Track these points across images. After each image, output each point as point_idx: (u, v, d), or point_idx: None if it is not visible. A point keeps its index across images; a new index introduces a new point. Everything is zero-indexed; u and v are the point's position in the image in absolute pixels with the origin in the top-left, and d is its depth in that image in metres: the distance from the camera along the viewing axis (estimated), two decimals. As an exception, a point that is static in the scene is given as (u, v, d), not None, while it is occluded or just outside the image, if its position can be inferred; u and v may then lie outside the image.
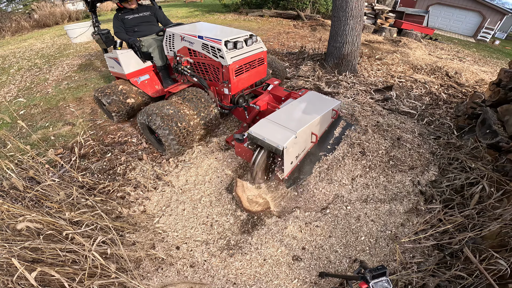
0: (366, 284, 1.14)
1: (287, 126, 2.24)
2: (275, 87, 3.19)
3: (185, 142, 2.66)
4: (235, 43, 2.62)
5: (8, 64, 6.52)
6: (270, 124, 2.31)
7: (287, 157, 2.17)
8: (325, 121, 2.68)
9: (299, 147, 2.34)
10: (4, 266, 1.48)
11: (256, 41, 2.92)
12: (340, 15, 4.38)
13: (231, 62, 2.57)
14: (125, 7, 3.37)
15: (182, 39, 2.85)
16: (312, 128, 2.41)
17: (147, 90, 3.43)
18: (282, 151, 2.06)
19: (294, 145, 2.20)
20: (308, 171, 2.51)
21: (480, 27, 13.31)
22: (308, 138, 2.45)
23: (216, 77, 2.82)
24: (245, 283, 1.83)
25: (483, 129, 2.64)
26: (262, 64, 3.06)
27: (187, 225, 2.23)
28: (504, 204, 1.86)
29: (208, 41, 2.62)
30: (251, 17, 10.85)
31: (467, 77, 5.15)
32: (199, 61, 2.87)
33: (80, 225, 1.78)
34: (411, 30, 8.64)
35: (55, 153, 2.99)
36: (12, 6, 14.63)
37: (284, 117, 2.41)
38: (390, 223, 2.18)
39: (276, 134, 2.17)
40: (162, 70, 3.43)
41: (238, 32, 2.83)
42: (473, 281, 1.54)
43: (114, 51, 3.24)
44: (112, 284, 1.62)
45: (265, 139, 2.14)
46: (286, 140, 2.08)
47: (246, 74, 2.85)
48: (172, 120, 2.53)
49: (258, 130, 2.23)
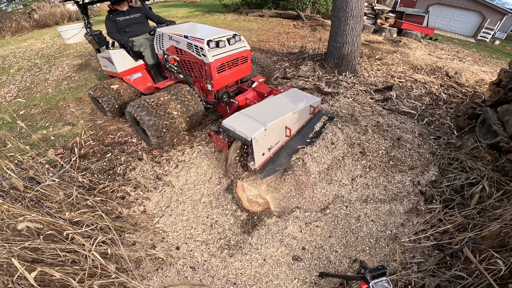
0: (366, 284, 1.14)
1: (258, 119, 2.34)
2: (260, 84, 3.32)
3: (168, 132, 2.79)
4: (217, 42, 2.77)
5: (8, 64, 6.52)
6: (243, 117, 2.41)
7: (257, 148, 2.25)
8: (302, 117, 2.77)
9: (270, 139, 2.41)
10: (4, 266, 1.48)
11: (240, 40, 3.05)
12: (340, 15, 4.38)
13: (213, 60, 2.73)
14: (117, 9, 3.51)
15: (170, 39, 3.02)
16: (285, 122, 2.49)
17: (140, 87, 3.56)
18: (250, 142, 2.16)
19: (264, 137, 2.28)
20: (284, 163, 2.58)
21: (480, 27, 13.31)
22: (282, 131, 2.53)
23: (200, 74, 2.99)
24: (245, 283, 1.83)
25: (483, 129, 2.64)
26: (246, 62, 3.20)
27: (187, 225, 2.23)
28: (504, 204, 1.86)
29: (192, 41, 2.79)
30: (251, 17, 10.85)
31: (467, 77, 5.15)
32: (185, 59, 3.03)
33: (80, 225, 1.78)
34: (411, 30, 8.64)
35: (55, 153, 2.99)
36: (12, 6, 14.63)
37: (258, 111, 2.51)
38: (390, 223, 2.18)
39: (247, 126, 2.27)
40: (153, 68, 3.58)
41: (222, 31, 2.97)
42: (473, 281, 1.54)
43: (107, 51, 3.37)
44: (112, 284, 1.62)
45: (236, 130, 2.25)
46: (255, 131, 2.17)
47: (228, 71, 2.99)
48: (156, 111, 2.67)
49: (230, 122, 2.34)
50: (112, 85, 3.41)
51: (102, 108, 3.59)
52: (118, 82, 3.48)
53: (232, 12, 12.24)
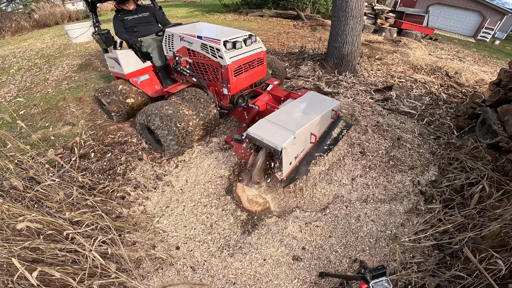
0: (366, 284, 1.14)
1: (286, 127, 2.23)
2: (275, 87, 3.19)
3: (184, 142, 2.65)
4: (234, 43, 2.61)
5: (8, 64, 6.52)
6: (269, 124, 2.31)
7: (285, 157, 2.15)
8: (324, 122, 2.67)
9: (298, 147, 2.33)
10: (4, 266, 1.48)
11: (256, 41, 2.92)
12: (340, 15, 4.38)
13: (230, 62, 2.57)
14: (123, 9, 3.39)
15: (181, 39, 2.85)
16: (311, 128, 2.40)
17: (147, 90, 3.42)
18: (280, 152, 2.05)
19: (293, 145, 2.19)
20: (304, 171, 2.51)
21: (480, 27, 13.31)
22: (307, 138, 2.44)
23: (215, 77, 2.82)
24: (245, 283, 1.83)
25: (483, 129, 2.64)
26: (262, 64, 3.06)
27: (187, 225, 2.23)
28: (504, 204, 1.86)
29: (207, 41, 2.62)
30: (251, 17, 10.85)
31: (467, 77, 5.15)
32: (198, 61, 2.87)
33: (80, 225, 1.78)
34: (411, 30, 8.64)
35: (55, 153, 2.99)
36: (12, 6, 14.64)
37: (283, 117, 2.41)
38: (390, 223, 2.18)
39: (275, 134, 2.16)
40: (161, 70, 3.43)
41: (237, 32, 2.83)
42: (473, 281, 1.54)
43: (114, 51, 3.24)
44: (112, 284, 1.62)
45: (264, 139, 2.14)
46: (284, 140, 2.07)
47: (245, 74, 2.84)
48: (171, 120, 2.51)
49: (256, 131, 2.22)
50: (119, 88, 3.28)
51: (108, 112, 3.48)
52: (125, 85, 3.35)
53: (232, 12, 12.24)
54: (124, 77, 3.34)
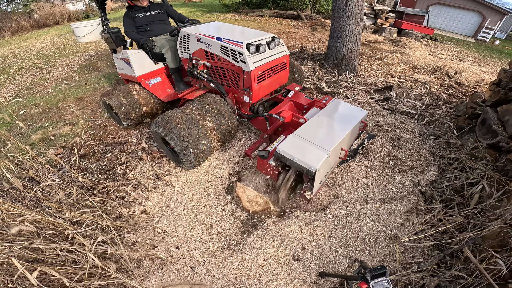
0: (366, 284, 1.14)
1: (319, 144, 2.05)
2: (296, 93, 2.96)
3: (204, 157, 2.49)
4: (257, 47, 2.39)
5: (8, 64, 6.52)
6: (300, 141, 2.11)
7: (318, 178, 1.98)
8: (353, 134, 2.50)
9: (329, 165, 2.18)
10: (4, 266, 1.48)
11: (279, 44, 2.71)
12: (340, 15, 4.38)
13: (254, 68, 2.34)
14: (136, 5, 3.15)
15: (199, 41, 2.61)
16: (342, 143, 2.21)
17: (159, 94, 3.21)
18: (314, 173, 1.88)
19: (325, 164, 2.02)
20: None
21: (480, 27, 13.31)
22: (337, 154, 2.25)
23: (236, 83, 2.60)
24: (245, 283, 1.83)
25: (483, 129, 2.64)
26: (285, 69, 2.85)
27: (187, 225, 2.23)
28: (504, 204, 1.86)
29: (228, 44, 2.40)
30: (251, 17, 10.85)
31: (467, 77, 5.15)
32: (217, 65, 2.63)
33: (80, 225, 1.78)
34: (411, 30, 8.64)
35: (55, 153, 2.99)
36: (12, 6, 14.64)
37: (313, 132, 2.22)
38: (390, 223, 2.18)
39: (308, 153, 1.98)
40: (174, 73, 3.21)
41: (260, 34, 2.63)
42: (473, 281, 1.54)
43: (124, 51, 3.02)
44: (112, 284, 1.62)
45: (295, 159, 1.95)
46: (319, 161, 1.90)
47: (268, 80, 2.62)
48: (191, 136, 2.31)
49: (287, 149, 2.02)
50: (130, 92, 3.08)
51: (117, 118, 3.27)
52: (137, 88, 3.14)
53: (232, 12, 12.23)
54: (135, 79, 3.11)
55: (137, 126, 3.41)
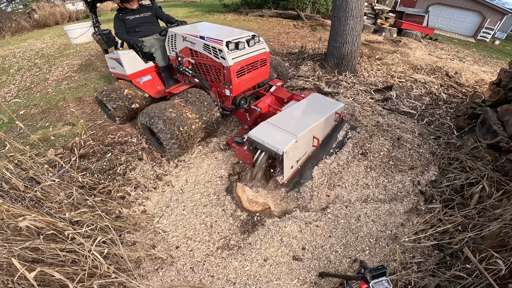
0: (366, 284, 1.14)
1: (288, 130, 2.19)
2: (278, 88, 3.14)
3: (186, 145, 2.65)
4: (236, 44, 2.58)
5: (8, 64, 6.52)
6: (270, 127, 2.26)
7: (287, 161, 2.11)
8: (327, 125, 2.63)
9: (299, 151, 2.29)
10: (4, 266, 1.48)
11: (259, 42, 2.88)
12: (340, 15, 4.37)
13: (232, 63, 2.53)
14: (126, 8, 3.33)
15: (184, 40, 2.81)
16: (313, 131, 2.36)
17: (149, 91, 3.40)
18: (282, 156, 2.01)
19: (294, 149, 2.15)
20: (309, 175, 2.47)
21: (480, 27, 13.31)
22: (309, 142, 2.40)
23: (218, 78, 2.79)
24: (245, 283, 1.83)
25: (483, 129, 2.64)
26: (265, 65, 3.01)
27: (187, 225, 2.23)
28: (504, 204, 1.86)
29: (209, 42, 2.59)
30: (251, 17, 10.85)
31: (467, 77, 5.15)
32: (200, 61, 2.83)
33: (80, 225, 1.78)
34: (411, 30, 8.64)
35: (55, 153, 2.99)
36: (12, 6, 14.64)
37: (285, 120, 2.36)
38: (390, 223, 2.18)
39: (276, 138, 2.12)
40: (164, 71, 3.39)
41: (240, 32, 2.80)
42: (473, 281, 1.54)
43: (116, 51, 3.20)
44: (112, 284, 1.62)
45: (265, 143, 2.10)
46: (286, 144, 2.03)
47: (248, 75, 2.80)
48: (174, 124, 2.49)
49: (257, 134, 2.18)
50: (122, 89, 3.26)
51: (110, 115, 3.48)
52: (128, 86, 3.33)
53: (232, 12, 12.24)
54: (126, 77, 3.29)
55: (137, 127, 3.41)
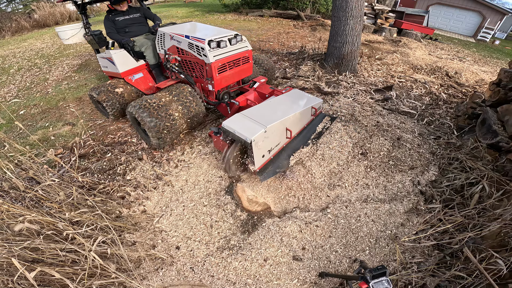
0: (366, 284, 1.14)
1: (258, 121, 2.33)
2: (261, 84, 3.32)
3: (169, 133, 2.80)
4: (218, 42, 2.75)
5: (8, 64, 6.52)
6: (243, 118, 2.41)
7: (256, 150, 2.24)
8: (303, 118, 2.76)
9: (271, 141, 2.41)
10: (4, 266, 1.48)
11: (241, 40, 3.05)
12: (340, 15, 4.37)
13: (214, 60, 2.72)
14: (116, 9, 3.48)
15: (172, 38, 3.02)
16: (286, 123, 2.48)
17: (141, 87, 3.56)
18: (250, 144, 2.15)
19: (264, 139, 2.28)
20: (285, 165, 2.56)
21: (480, 27, 13.30)
22: (282, 133, 2.52)
23: (201, 74, 2.99)
24: (245, 283, 1.83)
25: (483, 129, 2.64)
26: (247, 62, 3.19)
27: (187, 225, 2.23)
28: (504, 204, 1.86)
29: (193, 41, 2.78)
30: (251, 17, 10.85)
31: (467, 77, 5.15)
32: (186, 59, 3.04)
33: (80, 225, 1.78)
34: (411, 30, 8.64)
35: (55, 153, 2.99)
36: (12, 6, 14.63)
37: (258, 112, 2.51)
38: (390, 223, 2.18)
39: (246, 127, 2.26)
40: (155, 68, 3.57)
41: (223, 31, 2.97)
42: (473, 281, 1.54)
43: (107, 51, 3.36)
44: (112, 284, 1.62)
45: (235, 131, 2.25)
46: (254, 133, 2.17)
47: (230, 71, 2.98)
48: (157, 112, 2.66)
49: (230, 123, 2.34)
50: (115, 87, 3.40)
51: (103, 110, 3.61)
52: (121, 84, 3.46)
53: (232, 12, 12.23)
54: (119, 75, 3.45)
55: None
